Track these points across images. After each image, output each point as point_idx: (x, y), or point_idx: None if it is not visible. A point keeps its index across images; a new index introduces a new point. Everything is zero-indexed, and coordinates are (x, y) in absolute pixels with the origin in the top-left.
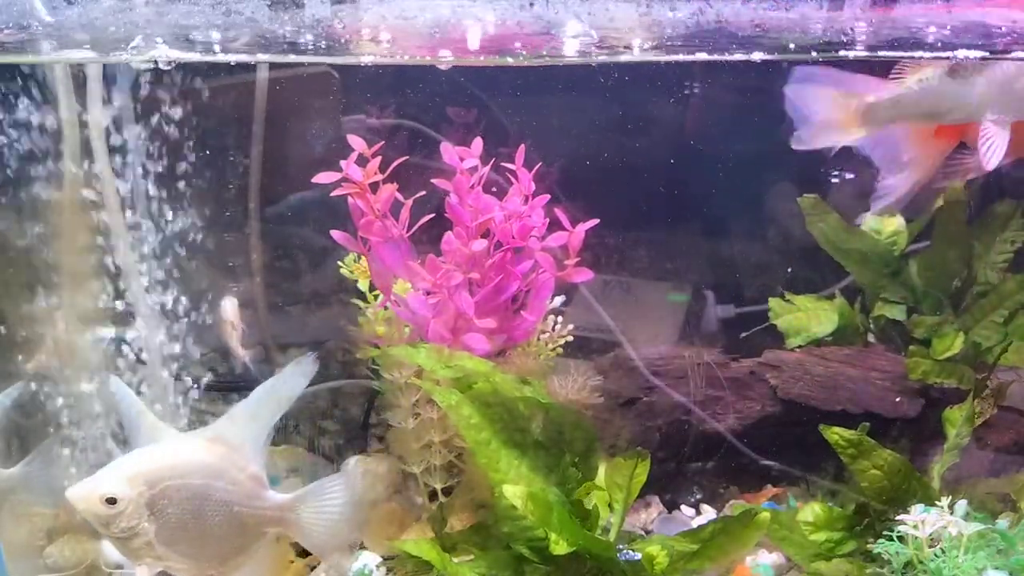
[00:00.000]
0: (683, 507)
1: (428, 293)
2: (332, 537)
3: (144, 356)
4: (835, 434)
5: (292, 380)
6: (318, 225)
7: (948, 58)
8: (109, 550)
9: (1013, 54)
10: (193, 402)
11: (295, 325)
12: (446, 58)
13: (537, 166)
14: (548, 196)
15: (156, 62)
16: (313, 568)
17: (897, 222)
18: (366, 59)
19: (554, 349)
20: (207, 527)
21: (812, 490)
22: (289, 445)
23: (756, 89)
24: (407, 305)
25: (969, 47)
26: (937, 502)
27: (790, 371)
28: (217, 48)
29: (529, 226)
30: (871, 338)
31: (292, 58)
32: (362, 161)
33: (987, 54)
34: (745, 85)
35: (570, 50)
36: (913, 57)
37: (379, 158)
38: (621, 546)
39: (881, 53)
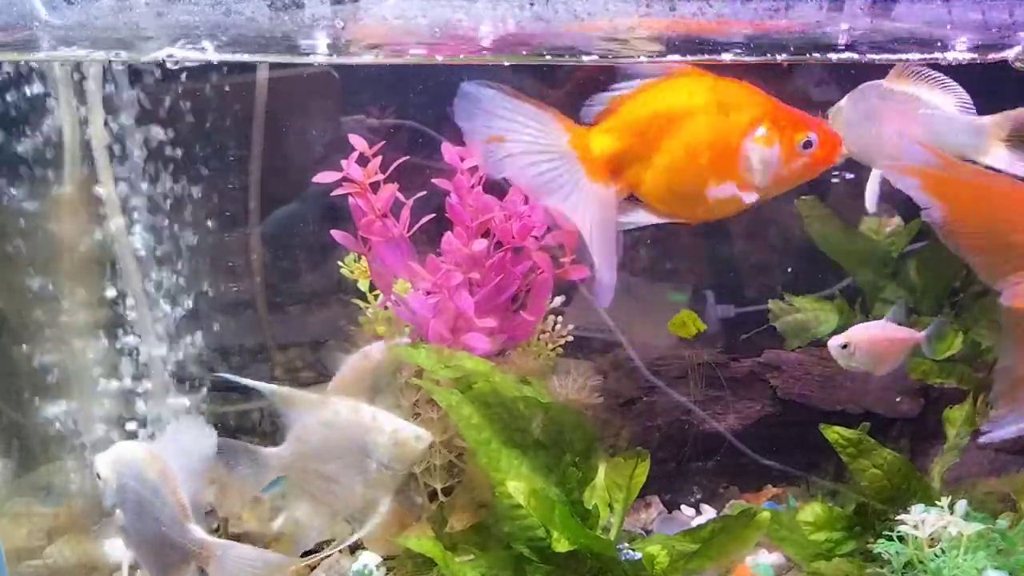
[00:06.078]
0: (683, 507)
1: (428, 293)
2: None
3: None
4: (835, 433)
5: (199, 440)
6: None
7: None
8: (110, 550)
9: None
10: None
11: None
12: (446, 58)
13: None
14: None
15: (163, 61)
16: (313, 568)
17: (895, 222)
18: (366, 59)
19: (554, 349)
20: (146, 535)
21: (812, 490)
22: None
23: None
24: (407, 305)
25: None
26: (937, 502)
27: (790, 371)
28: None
29: (529, 226)
30: None
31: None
32: (363, 161)
33: None
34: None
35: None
36: None
37: (380, 158)
38: (621, 545)
39: None
